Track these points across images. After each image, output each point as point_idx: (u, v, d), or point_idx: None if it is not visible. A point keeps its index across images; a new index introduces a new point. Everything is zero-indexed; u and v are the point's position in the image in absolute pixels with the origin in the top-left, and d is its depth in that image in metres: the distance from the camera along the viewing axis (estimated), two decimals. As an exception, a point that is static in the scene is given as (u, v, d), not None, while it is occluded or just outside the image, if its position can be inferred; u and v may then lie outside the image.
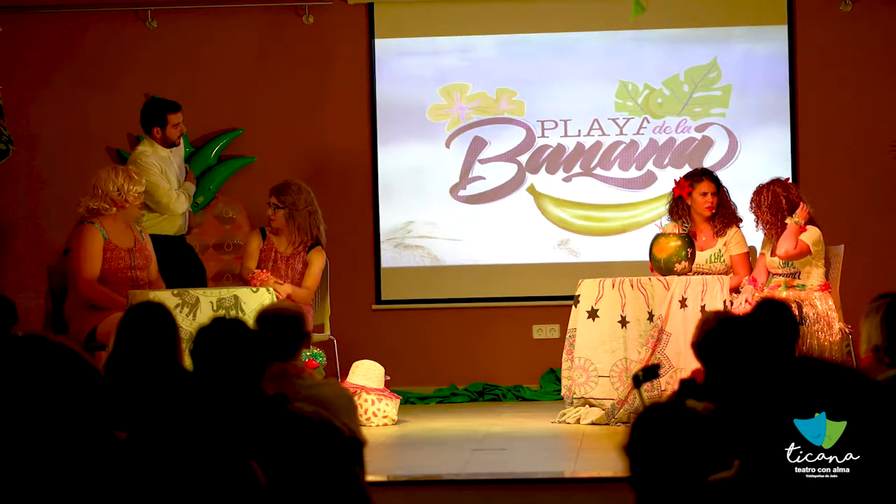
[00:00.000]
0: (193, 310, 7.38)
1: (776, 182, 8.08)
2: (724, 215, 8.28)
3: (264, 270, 8.05)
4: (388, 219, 9.63)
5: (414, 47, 9.65)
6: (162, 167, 8.38)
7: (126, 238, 7.81)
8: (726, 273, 8.18)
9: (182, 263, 8.47)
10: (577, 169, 9.61)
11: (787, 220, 7.93)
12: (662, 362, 7.50)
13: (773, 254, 8.07)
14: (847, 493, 3.08)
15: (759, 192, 8.08)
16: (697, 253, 8.13)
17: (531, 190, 9.62)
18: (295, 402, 4.05)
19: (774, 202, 7.99)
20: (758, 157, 9.47)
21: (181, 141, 8.54)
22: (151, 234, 8.19)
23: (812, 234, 7.97)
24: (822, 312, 7.86)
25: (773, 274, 8.11)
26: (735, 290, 8.10)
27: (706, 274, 8.07)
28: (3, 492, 2.99)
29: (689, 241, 7.96)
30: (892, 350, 4.59)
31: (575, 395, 7.82)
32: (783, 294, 7.91)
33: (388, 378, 8.19)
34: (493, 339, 9.57)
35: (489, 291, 9.61)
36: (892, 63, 9.45)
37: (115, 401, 3.20)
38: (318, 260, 8.30)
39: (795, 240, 7.91)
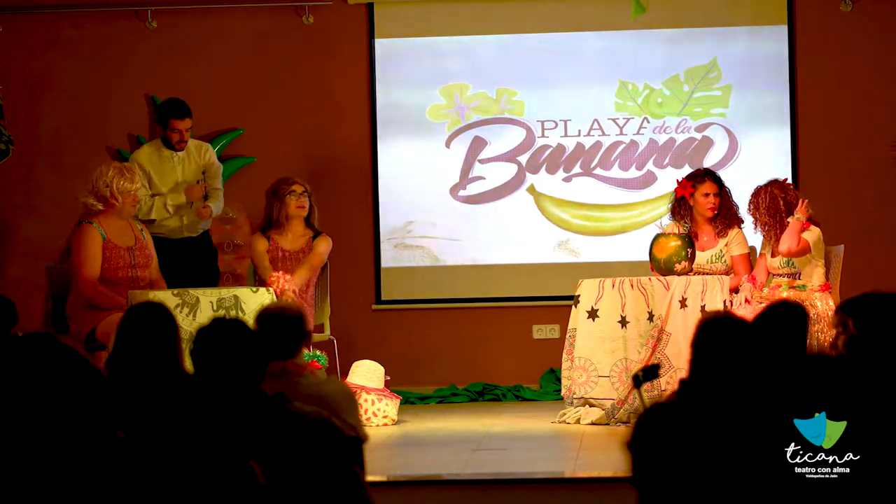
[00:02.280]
0: (193, 310, 7.38)
1: (774, 183, 8.08)
2: (726, 216, 8.28)
3: (283, 275, 8.03)
4: (388, 219, 9.63)
5: (414, 47, 9.64)
6: (147, 165, 8.44)
7: (126, 237, 7.81)
8: (727, 273, 8.17)
9: (186, 265, 8.46)
10: (577, 169, 9.61)
11: (789, 219, 7.92)
12: (662, 362, 7.50)
13: (773, 254, 8.07)
14: (847, 493, 3.08)
15: (757, 193, 8.07)
16: (698, 253, 8.13)
17: (531, 190, 9.62)
18: (295, 401, 4.05)
19: (772, 204, 7.99)
20: (758, 157, 9.47)
21: (183, 147, 8.51)
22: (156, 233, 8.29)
23: (813, 234, 7.97)
24: (823, 313, 7.86)
25: (774, 274, 8.10)
26: (735, 290, 8.10)
27: (707, 274, 8.07)
28: (8, 491, 3.00)
29: (689, 241, 7.96)
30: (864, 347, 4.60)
31: (575, 395, 7.81)
32: (784, 294, 7.91)
33: (388, 378, 8.19)
34: (493, 339, 9.57)
35: (489, 291, 9.61)
36: (892, 63, 9.45)
37: (117, 401, 3.20)
38: (320, 245, 8.34)
39: (798, 236, 7.90)
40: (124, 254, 7.75)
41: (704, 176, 8.31)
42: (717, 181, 8.29)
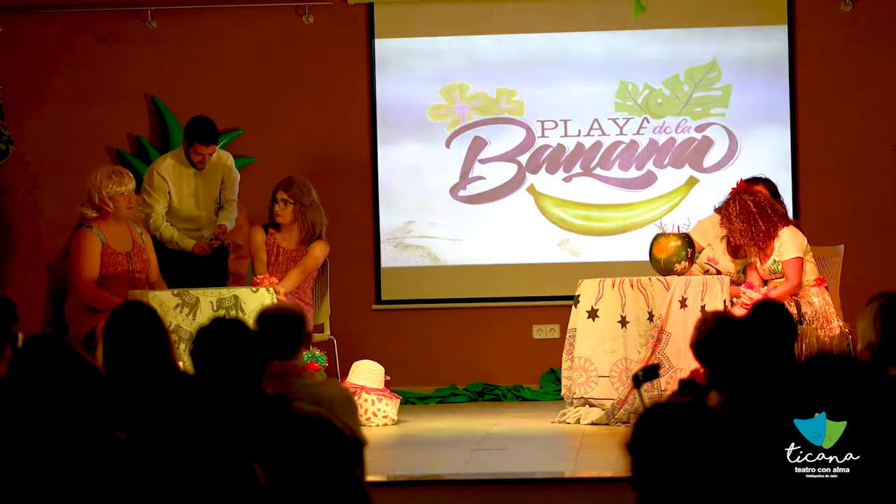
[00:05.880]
0: (193, 310, 7.38)
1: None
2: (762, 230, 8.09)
3: (270, 275, 8.04)
4: (388, 219, 9.63)
5: (414, 47, 9.65)
6: (170, 180, 8.37)
7: (125, 241, 7.80)
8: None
9: (199, 270, 8.43)
10: (577, 169, 9.61)
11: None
12: (662, 362, 7.50)
13: (761, 262, 7.99)
14: (847, 493, 3.08)
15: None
16: (730, 261, 8.09)
17: (531, 190, 9.62)
18: (295, 401, 4.06)
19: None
20: (758, 157, 9.47)
21: (203, 167, 8.45)
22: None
23: (794, 243, 7.84)
24: (820, 308, 7.84)
25: (767, 280, 8.02)
26: (736, 296, 8.01)
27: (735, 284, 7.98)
28: (10, 490, 3.00)
29: (689, 240, 7.95)
30: (886, 348, 4.60)
31: (575, 395, 7.81)
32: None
33: (388, 378, 8.19)
34: (493, 339, 9.57)
35: (489, 291, 9.61)
36: (892, 63, 9.45)
37: (116, 402, 3.21)
38: (315, 249, 8.31)
39: (797, 272, 7.82)
40: (122, 259, 7.75)
41: (759, 182, 8.23)
42: (770, 189, 8.19)
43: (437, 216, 9.62)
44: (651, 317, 7.66)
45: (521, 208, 9.62)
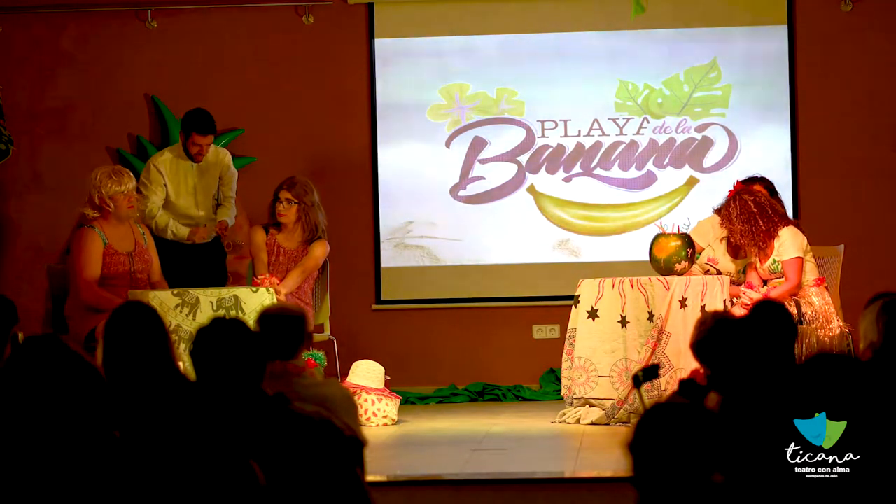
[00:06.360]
0: (193, 310, 7.38)
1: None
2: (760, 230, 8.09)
3: (271, 275, 8.04)
4: (388, 219, 9.63)
5: (414, 47, 9.65)
6: (167, 174, 8.38)
7: (127, 242, 7.80)
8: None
9: (197, 268, 8.43)
10: (577, 169, 9.61)
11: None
12: (662, 362, 7.50)
13: (761, 262, 7.99)
14: (847, 493, 3.08)
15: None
16: (730, 261, 8.08)
17: (531, 190, 9.62)
18: (295, 401, 4.05)
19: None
20: (758, 157, 9.47)
21: (201, 159, 8.44)
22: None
23: (794, 243, 7.84)
24: (820, 308, 7.83)
25: (767, 280, 8.01)
26: (736, 296, 8.01)
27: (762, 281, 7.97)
28: (7, 490, 3.00)
29: (689, 241, 7.95)
30: (889, 348, 4.61)
31: (575, 395, 7.82)
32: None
33: (388, 378, 8.19)
34: (493, 339, 9.57)
35: (489, 291, 9.61)
36: (892, 63, 9.45)
37: (115, 402, 3.21)
38: (316, 249, 8.31)
39: (796, 272, 7.82)
40: (124, 260, 7.74)
41: (757, 181, 8.22)
42: (768, 188, 8.18)
43: (437, 216, 9.63)
44: (651, 317, 7.66)
45: (521, 208, 9.62)
